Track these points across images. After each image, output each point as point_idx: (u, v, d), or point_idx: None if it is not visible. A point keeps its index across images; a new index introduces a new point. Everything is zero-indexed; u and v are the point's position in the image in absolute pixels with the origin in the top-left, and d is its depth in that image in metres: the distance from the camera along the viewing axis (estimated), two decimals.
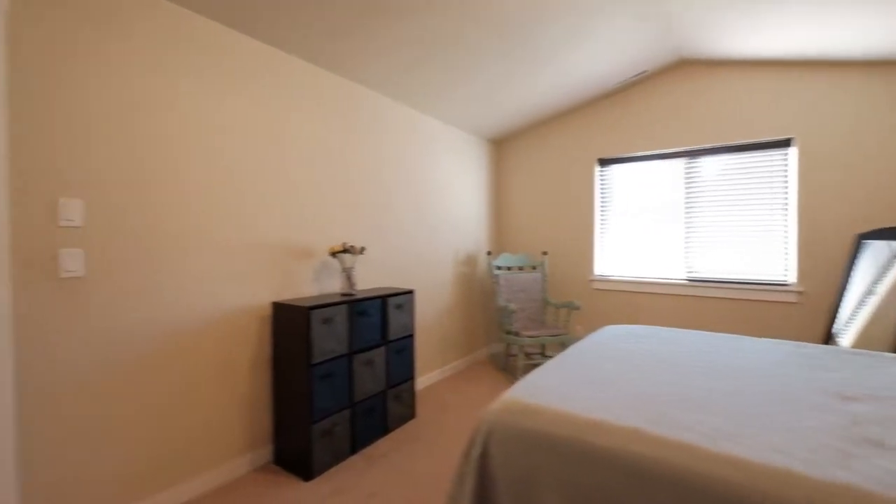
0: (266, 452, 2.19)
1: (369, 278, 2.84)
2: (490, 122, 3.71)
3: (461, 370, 3.71)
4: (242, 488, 1.96)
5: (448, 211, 3.61)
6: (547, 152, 4.02)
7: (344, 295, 2.39)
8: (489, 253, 3.78)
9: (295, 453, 2.08)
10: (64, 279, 1.53)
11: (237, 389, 2.07)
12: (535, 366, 3.72)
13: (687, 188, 3.44)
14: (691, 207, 3.42)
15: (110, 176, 1.65)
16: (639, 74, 3.31)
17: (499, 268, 3.74)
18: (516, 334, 3.26)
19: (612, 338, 2.05)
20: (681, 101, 3.35)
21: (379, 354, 2.43)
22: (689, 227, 3.43)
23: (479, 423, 1.19)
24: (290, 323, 2.10)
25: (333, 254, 2.42)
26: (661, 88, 3.42)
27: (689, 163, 3.43)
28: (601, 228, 3.84)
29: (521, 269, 3.84)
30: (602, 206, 3.84)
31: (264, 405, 2.19)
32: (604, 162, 3.81)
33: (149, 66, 1.75)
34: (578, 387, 1.35)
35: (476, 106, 3.32)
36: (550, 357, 3.58)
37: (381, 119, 2.92)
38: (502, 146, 4.30)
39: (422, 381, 3.28)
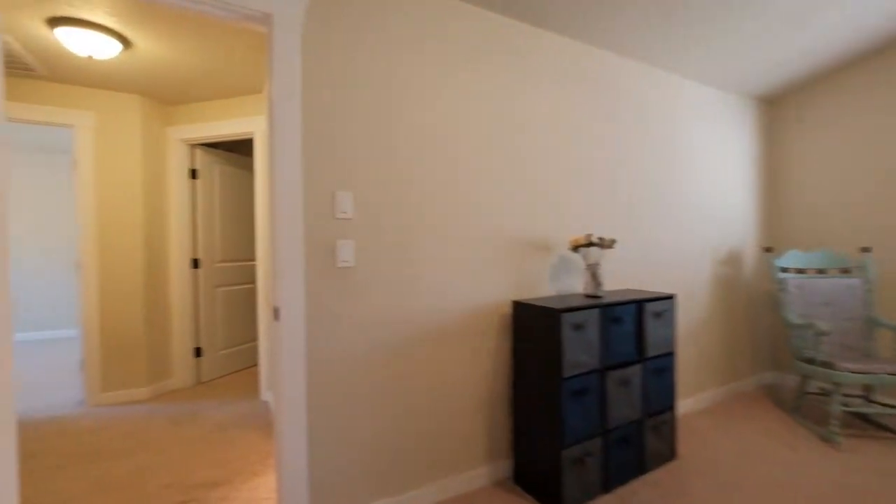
0: (504, 466, 1.98)
1: (607, 278, 2.38)
2: (763, 72, 2.74)
3: (721, 402, 2.87)
4: None
5: (703, 194, 2.82)
6: (861, 100, 2.76)
7: (589, 297, 2.00)
8: (768, 249, 2.80)
9: (539, 477, 1.80)
10: (340, 268, 1.60)
11: (478, 391, 1.92)
12: (861, 416, 2.57)
13: None
14: None
15: (371, 171, 1.67)
16: None
17: (784, 269, 2.74)
18: (827, 366, 2.27)
19: None
20: None
21: (635, 373, 1.94)
22: None
23: None
24: (534, 326, 1.83)
25: (576, 248, 2.05)
26: None
27: None
28: None
29: (821, 272, 2.73)
30: None
31: (503, 413, 1.99)
32: None
33: (403, 61, 1.73)
34: None
35: (744, 54, 2.46)
36: (889, 405, 2.39)
37: (620, 85, 2.42)
38: (779, 104, 3.19)
39: None
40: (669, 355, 2.08)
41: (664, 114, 2.61)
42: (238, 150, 4.10)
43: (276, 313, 1.51)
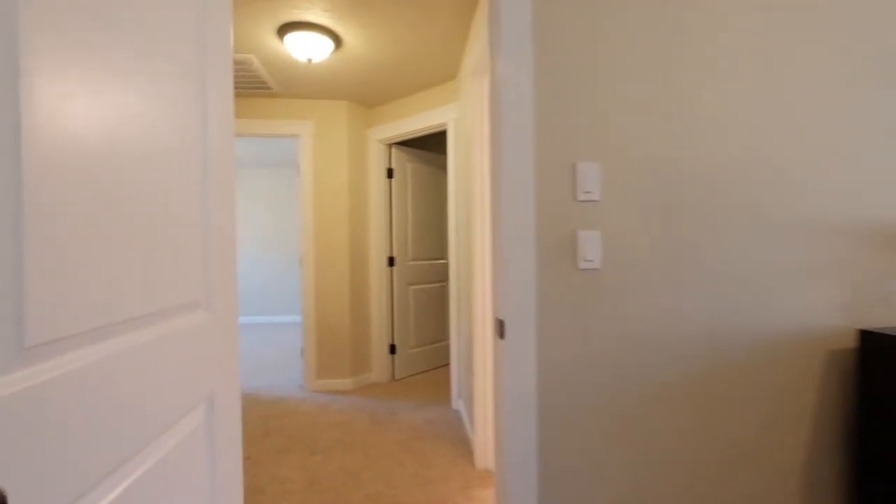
0: None
1: None
2: None
3: None
4: None
5: None
6: None
7: None
8: None
9: None
10: (582, 271, 1.15)
11: (784, 473, 1.22)
12: None
13: None
14: None
15: (627, 131, 1.16)
16: None
17: None
18: None
19: None
20: None
21: None
22: None
23: None
24: None
25: None
26: None
27: None
28: None
29: None
30: None
31: None
32: None
33: None
34: None
35: None
36: None
37: None
38: None
39: None
40: None
41: None
42: (429, 147, 4.11)
43: (499, 328, 1.15)
